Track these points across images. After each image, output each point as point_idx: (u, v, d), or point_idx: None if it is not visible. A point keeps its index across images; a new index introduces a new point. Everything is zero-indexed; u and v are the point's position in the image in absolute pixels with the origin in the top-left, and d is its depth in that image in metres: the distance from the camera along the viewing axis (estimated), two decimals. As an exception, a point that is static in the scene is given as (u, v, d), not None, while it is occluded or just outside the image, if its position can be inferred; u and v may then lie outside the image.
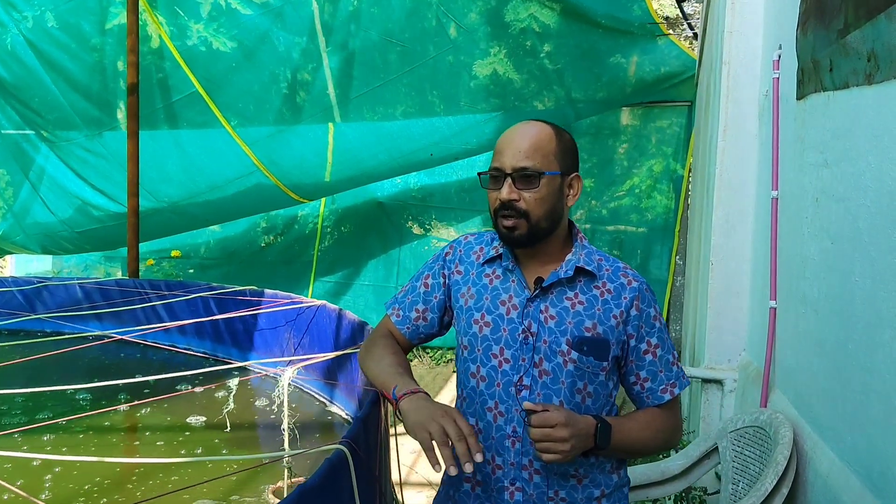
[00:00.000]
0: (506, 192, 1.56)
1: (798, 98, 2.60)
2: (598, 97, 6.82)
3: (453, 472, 1.35)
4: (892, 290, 1.67)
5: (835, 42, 2.15)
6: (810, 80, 2.44)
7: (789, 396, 2.59)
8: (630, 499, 2.79)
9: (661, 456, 3.83)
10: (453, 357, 8.19)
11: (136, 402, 3.51)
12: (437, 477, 5.12)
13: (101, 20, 6.48)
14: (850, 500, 1.85)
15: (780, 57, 2.93)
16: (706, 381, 3.51)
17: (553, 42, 6.26)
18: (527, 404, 1.46)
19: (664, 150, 7.52)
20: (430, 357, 7.81)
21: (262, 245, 8.84)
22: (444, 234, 8.39)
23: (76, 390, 3.72)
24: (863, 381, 1.86)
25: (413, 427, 1.43)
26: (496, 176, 1.59)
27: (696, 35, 6.49)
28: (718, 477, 3.24)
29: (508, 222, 1.57)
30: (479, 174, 1.67)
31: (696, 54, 6.37)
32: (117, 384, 3.28)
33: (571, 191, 1.63)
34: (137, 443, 3.41)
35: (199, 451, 3.08)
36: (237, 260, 8.87)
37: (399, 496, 1.90)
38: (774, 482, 2.17)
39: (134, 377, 3.36)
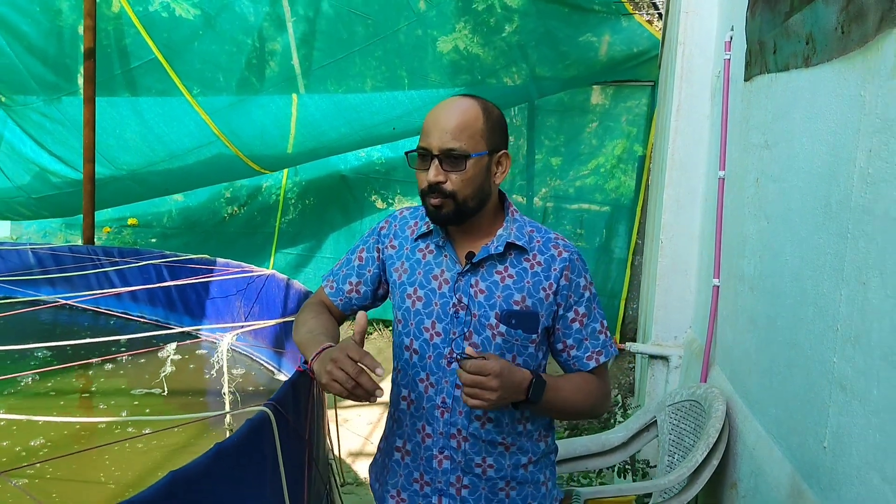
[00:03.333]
0: (432, 173, 1.55)
1: (745, 79, 2.63)
2: (565, 75, 6.82)
3: (373, 400, 1.42)
4: (816, 267, 1.72)
5: (780, 24, 2.18)
6: (757, 61, 2.48)
7: (726, 372, 2.65)
8: (571, 469, 2.85)
9: (588, 423, 3.91)
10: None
11: (70, 364, 3.50)
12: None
13: (59, -17, 6.32)
14: (771, 471, 1.91)
15: (731, 38, 2.96)
16: (653, 357, 3.57)
17: (517, 20, 6.24)
18: (469, 349, 1.45)
19: (629, 130, 7.56)
20: (391, 330, 7.83)
21: (225, 216, 8.75)
22: (407, 209, 8.38)
23: (22, 353, 3.70)
24: (787, 356, 1.91)
25: (323, 389, 1.48)
26: (424, 155, 1.58)
27: (660, 15, 6.52)
28: (661, 450, 3.31)
29: (435, 201, 1.57)
30: (406, 153, 1.65)
31: (659, 34, 6.39)
32: (44, 347, 3.27)
33: (500, 168, 1.63)
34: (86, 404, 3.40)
35: (124, 413, 3.11)
36: (199, 230, 8.79)
37: (337, 464, 1.92)
38: (705, 454, 2.24)
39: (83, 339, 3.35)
